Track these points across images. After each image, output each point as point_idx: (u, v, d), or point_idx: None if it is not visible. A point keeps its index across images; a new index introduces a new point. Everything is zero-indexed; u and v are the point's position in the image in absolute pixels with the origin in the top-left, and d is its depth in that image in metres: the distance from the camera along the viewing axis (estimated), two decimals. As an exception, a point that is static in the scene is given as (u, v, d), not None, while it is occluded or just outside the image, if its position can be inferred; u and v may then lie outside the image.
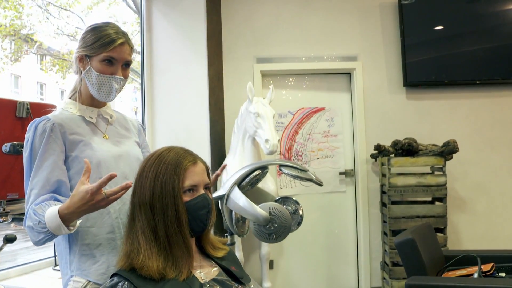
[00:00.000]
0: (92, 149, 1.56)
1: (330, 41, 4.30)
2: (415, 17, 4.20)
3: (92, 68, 1.57)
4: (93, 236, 1.53)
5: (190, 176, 1.36)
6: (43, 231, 1.36)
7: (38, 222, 1.37)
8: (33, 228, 1.38)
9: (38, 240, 1.40)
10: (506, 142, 4.30)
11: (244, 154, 3.39)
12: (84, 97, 1.65)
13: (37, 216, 1.38)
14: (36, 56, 11.34)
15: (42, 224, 1.36)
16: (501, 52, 4.22)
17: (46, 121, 1.52)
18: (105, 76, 1.57)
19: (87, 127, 1.61)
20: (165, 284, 1.25)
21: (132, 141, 1.76)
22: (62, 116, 1.58)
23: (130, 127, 1.81)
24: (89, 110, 1.65)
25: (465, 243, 4.25)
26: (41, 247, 1.50)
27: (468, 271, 2.64)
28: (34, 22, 9.05)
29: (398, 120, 4.27)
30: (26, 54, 9.96)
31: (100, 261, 1.52)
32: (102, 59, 1.56)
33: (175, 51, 3.76)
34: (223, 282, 1.37)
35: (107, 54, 1.56)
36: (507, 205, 4.28)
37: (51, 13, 9.20)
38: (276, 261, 4.26)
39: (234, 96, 4.16)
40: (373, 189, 4.24)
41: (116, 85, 1.60)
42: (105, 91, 1.59)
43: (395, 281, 3.71)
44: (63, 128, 1.54)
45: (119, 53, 1.58)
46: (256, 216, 1.65)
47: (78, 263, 1.52)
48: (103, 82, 1.57)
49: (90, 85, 1.59)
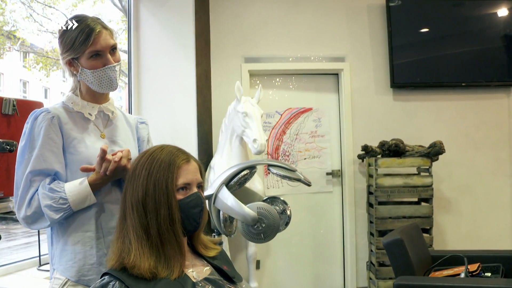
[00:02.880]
0: (86, 147, 1.55)
1: (318, 41, 4.31)
2: (402, 19, 4.23)
3: (84, 67, 1.54)
4: (73, 232, 1.52)
5: (184, 174, 1.35)
6: (63, 207, 1.44)
7: (59, 198, 1.43)
8: (52, 206, 1.43)
9: (57, 218, 1.45)
10: (491, 143, 4.35)
11: (232, 153, 3.38)
12: (85, 94, 1.63)
13: (56, 194, 1.43)
14: (19, 53, 11.18)
15: (64, 200, 1.44)
16: (486, 55, 4.28)
17: (46, 113, 1.51)
18: (99, 70, 1.55)
19: (84, 124, 1.60)
20: (157, 283, 1.24)
21: (129, 142, 1.73)
22: (61, 110, 1.57)
23: (132, 125, 1.79)
24: (90, 106, 1.63)
25: (450, 243, 4.29)
26: (25, 246, 1.51)
27: (455, 271, 2.67)
28: (17, 19, 8.92)
29: (385, 121, 4.30)
30: (8, 51, 9.81)
31: (77, 258, 1.51)
32: (89, 56, 1.53)
33: (163, 50, 3.73)
34: (215, 281, 1.36)
35: (91, 49, 1.52)
36: (491, 205, 4.34)
37: (34, 10, 9.08)
38: (262, 261, 4.25)
39: (222, 95, 4.14)
40: (360, 189, 4.26)
41: (112, 74, 1.57)
42: (106, 83, 1.57)
43: (381, 281, 3.72)
44: (61, 122, 1.53)
45: (101, 43, 1.54)
46: (244, 216, 1.64)
47: (58, 257, 1.53)
48: (100, 77, 1.55)
49: (90, 83, 1.58)
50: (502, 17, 4.28)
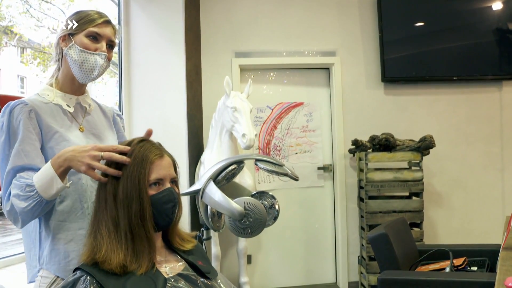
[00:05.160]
0: (69, 142, 1.51)
1: (309, 36, 4.30)
2: (393, 13, 4.22)
3: (76, 44, 1.53)
4: (65, 231, 1.50)
5: (157, 169, 1.36)
6: (31, 194, 1.34)
7: (25, 185, 1.35)
8: (19, 194, 1.35)
9: (24, 207, 1.35)
10: (482, 137, 4.35)
11: (222, 148, 3.39)
12: (62, 83, 1.60)
13: (23, 181, 1.36)
14: (17, 49, 11.15)
15: (30, 187, 1.35)
16: (478, 49, 4.26)
17: (23, 105, 1.47)
18: (88, 52, 1.53)
19: (64, 117, 1.57)
20: (128, 279, 1.24)
21: (109, 134, 1.72)
22: (37, 103, 1.52)
23: (108, 118, 1.77)
24: (67, 97, 1.59)
25: (441, 238, 4.30)
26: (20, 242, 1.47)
27: (441, 265, 2.68)
28: (14, 14, 8.89)
29: (376, 115, 4.29)
30: (5, 46, 9.78)
31: (70, 257, 1.48)
32: (87, 34, 1.53)
33: (153, 45, 3.72)
34: (188, 276, 1.36)
35: (92, 29, 1.53)
36: (482, 200, 4.34)
37: (31, 5, 9.05)
38: (254, 256, 4.26)
39: (212, 90, 4.14)
40: (351, 184, 4.26)
41: (100, 61, 1.55)
42: (88, 68, 1.54)
43: (371, 275, 3.73)
44: (39, 116, 1.49)
45: (104, 30, 1.56)
46: (231, 211, 1.64)
47: (48, 257, 1.49)
48: (86, 59, 1.53)
49: (72, 62, 1.54)
50: (494, 10, 4.26)
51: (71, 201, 1.51)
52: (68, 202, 1.50)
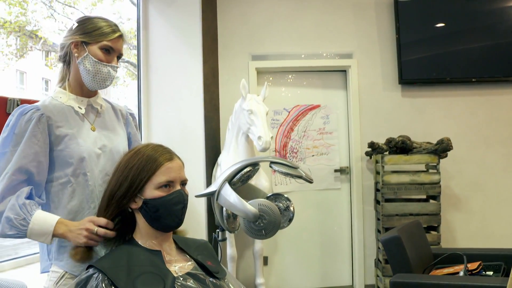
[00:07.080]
0: (78, 144, 1.57)
1: (325, 38, 4.30)
2: (410, 14, 4.19)
3: (90, 55, 1.59)
4: None
5: (167, 172, 1.41)
6: (20, 228, 1.40)
7: (23, 218, 1.40)
8: (12, 220, 1.40)
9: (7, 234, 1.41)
10: (501, 140, 4.28)
11: (238, 150, 3.42)
12: (73, 87, 1.66)
13: (24, 212, 1.40)
14: (41, 53, 11.38)
15: (25, 222, 1.39)
16: (498, 50, 4.20)
17: (35, 111, 1.53)
18: (102, 64, 1.60)
19: (75, 117, 1.63)
20: (139, 276, 1.29)
21: (120, 134, 1.77)
22: (51, 106, 1.58)
23: (120, 117, 1.82)
24: (79, 99, 1.66)
25: (459, 241, 4.24)
26: None
27: (455, 269, 2.66)
28: (38, 19, 9.08)
29: (393, 117, 4.27)
30: (30, 50, 9.99)
31: None
32: (102, 47, 1.60)
33: (171, 48, 3.78)
34: (196, 275, 1.40)
35: (107, 43, 1.60)
36: (502, 203, 4.27)
37: (55, 10, 9.23)
38: (270, 257, 4.28)
39: (229, 93, 4.18)
40: (368, 186, 4.25)
41: (113, 73, 1.63)
42: (100, 78, 1.61)
43: (387, 278, 3.71)
44: (50, 120, 1.55)
45: (117, 44, 1.64)
46: (245, 212, 1.66)
47: (56, 253, 1.56)
48: (100, 70, 1.60)
49: (85, 71, 1.60)
50: (514, 10, 4.20)
51: (79, 201, 1.57)
52: (76, 202, 1.57)
